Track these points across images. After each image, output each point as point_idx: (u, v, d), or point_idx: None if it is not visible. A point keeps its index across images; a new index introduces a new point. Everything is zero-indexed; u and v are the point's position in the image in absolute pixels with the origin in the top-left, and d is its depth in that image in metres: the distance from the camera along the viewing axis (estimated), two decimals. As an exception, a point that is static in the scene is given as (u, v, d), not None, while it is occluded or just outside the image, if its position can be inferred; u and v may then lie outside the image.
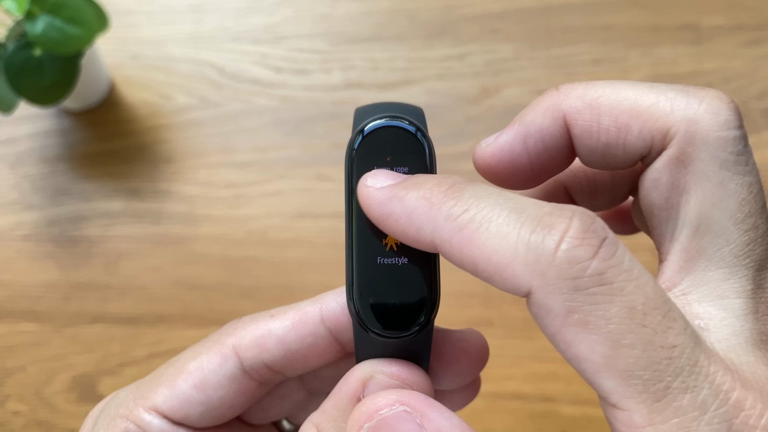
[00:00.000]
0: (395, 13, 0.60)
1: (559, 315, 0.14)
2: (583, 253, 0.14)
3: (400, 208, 0.16)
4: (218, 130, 0.57)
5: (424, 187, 0.16)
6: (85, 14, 0.50)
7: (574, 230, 0.14)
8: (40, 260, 0.55)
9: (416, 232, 0.16)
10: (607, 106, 0.17)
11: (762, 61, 0.56)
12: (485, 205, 0.15)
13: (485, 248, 0.15)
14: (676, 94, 0.17)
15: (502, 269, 0.14)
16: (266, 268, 0.53)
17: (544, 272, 0.14)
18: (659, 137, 0.17)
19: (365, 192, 0.17)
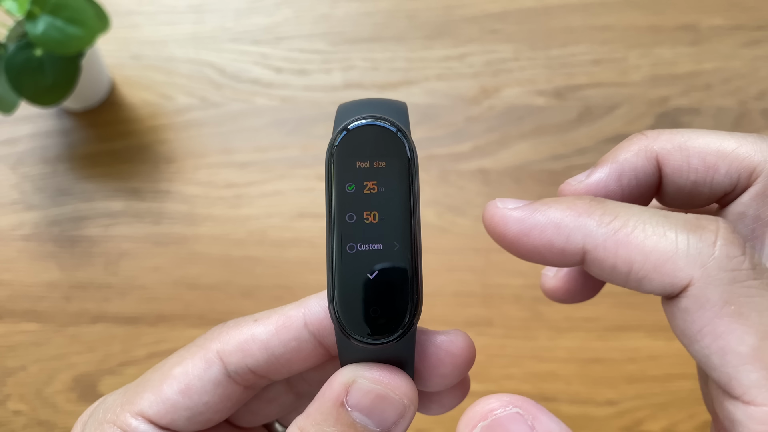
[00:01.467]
0: (395, 13, 0.60)
1: (715, 305, 0.15)
2: (736, 250, 0.15)
3: (545, 220, 0.17)
4: (218, 130, 0.57)
5: (564, 201, 0.17)
6: (85, 15, 0.50)
7: (724, 231, 0.15)
8: (41, 260, 0.55)
9: (565, 241, 0.17)
10: (695, 148, 0.19)
11: (761, 61, 0.56)
12: (634, 212, 0.16)
13: (644, 247, 0.16)
14: (755, 140, 0.19)
15: (662, 265, 0.15)
16: (266, 268, 0.53)
17: (705, 264, 0.15)
18: (745, 175, 0.19)
19: (498, 212, 0.18)
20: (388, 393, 0.18)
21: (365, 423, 0.18)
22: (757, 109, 0.55)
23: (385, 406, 0.18)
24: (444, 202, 0.53)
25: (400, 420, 0.19)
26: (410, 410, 0.19)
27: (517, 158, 0.55)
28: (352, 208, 0.18)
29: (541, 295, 0.52)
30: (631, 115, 0.55)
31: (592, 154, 0.54)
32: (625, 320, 0.50)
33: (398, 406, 0.19)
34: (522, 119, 0.56)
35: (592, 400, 0.48)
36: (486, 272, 0.51)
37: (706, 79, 0.56)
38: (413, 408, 0.19)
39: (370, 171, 0.18)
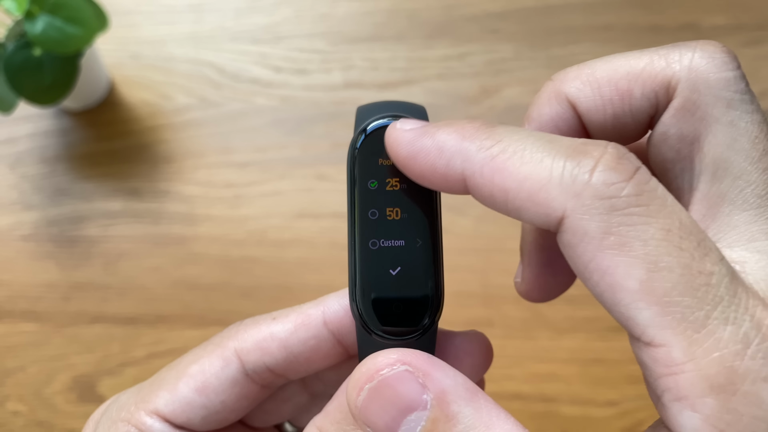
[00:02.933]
0: (395, 13, 0.60)
1: (594, 238, 0.14)
2: (619, 175, 0.14)
3: (431, 143, 0.16)
4: (218, 130, 0.57)
5: (455, 123, 0.16)
6: (84, 14, 0.50)
7: (609, 156, 0.14)
8: (40, 260, 0.55)
9: (446, 165, 0.16)
10: (604, 77, 0.18)
11: (762, 61, 0.56)
12: (518, 137, 0.15)
13: (518, 174, 0.14)
14: (668, 51, 0.17)
15: (535, 194, 0.14)
16: (266, 268, 0.53)
17: (579, 193, 0.14)
18: (662, 92, 0.17)
19: (394, 134, 0.17)
20: None
21: None
22: (757, 109, 0.55)
23: None
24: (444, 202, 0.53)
25: None
26: None
27: (517, 158, 0.54)
28: (374, 205, 0.18)
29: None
30: (632, 114, 0.55)
31: (593, 153, 0.54)
32: (625, 320, 0.50)
33: None
34: (522, 119, 0.56)
35: (593, 401, 0.48)
36: (486, 272, 0.51)
37: (706, 78, 0.56)
38: None
39: (392, 169, 0.18)
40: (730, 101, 0.16)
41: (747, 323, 0.13)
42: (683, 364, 0.13)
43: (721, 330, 0.13)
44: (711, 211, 0.16)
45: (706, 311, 0.13)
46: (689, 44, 0.17)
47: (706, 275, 0.13)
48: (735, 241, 0.16)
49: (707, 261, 0.13)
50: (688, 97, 0.16)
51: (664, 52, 0.17)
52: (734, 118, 0.16)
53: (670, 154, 0.17)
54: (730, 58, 0.16)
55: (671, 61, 0.17)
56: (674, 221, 0.14)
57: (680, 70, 0.16)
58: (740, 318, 0.13)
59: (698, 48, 0.17)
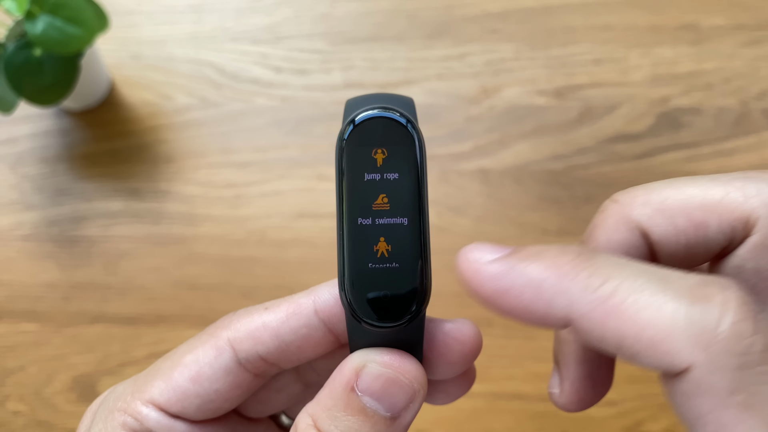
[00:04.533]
0: (395, 13, 0.60)
1: (719, 394, 0.13)
2: (748, 328, 0.13)
3: (524, 281, 0.15)
4: (218, 130, 0.57)
5: (548, 256, 0.15)
6: (85, 14, 0.50)
7: (734, 303, 0.13)
8: (40, 260, 0.55)
9: (546, 307, 0.15)
10: (677, 207, 0.17)
11: (762, 61, 0.56)
12: (627, 275, 0.14)
13: (636, 321, 0.13)
14: (743, 183, 0.16)
15: (658, 344, 0.13)
16: (266, 268, 0.53)
17: (708, 346, 0.13)
18: (740, 227, 0.16)
19: (472, 267, 0.16)
20: (399, 377, 0.19)
21: (375, 407, 0.18)
22: (758, 109, 0.55)
23: (395, 390, 0.18)
24: (444, 202, 0.53)
25: (410, 404, 0.19)
26: (420, 395, 0.19)
27: (517, 158, 0.55)
28: (362, 196, 0.18)
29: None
30: (632, 114, 0.55)
31: (593, 153, 0.54)
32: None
33: (408, 390, 0.19)
34: (522, 119, 0.56)
35: (593, 401, 0.48)
36: (486, 272, 0.51)
37: (707, 78, 0.56)
38: (423, 392, 0.19)
39: (379, 160, 0.18)
40: None
41: None
42: None
43: None
44: None
45: None
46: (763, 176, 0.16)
47: None
48: None
49: None
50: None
51: (739, 184, 0.16)
52: None
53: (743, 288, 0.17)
54: None
55: (749, 195, 0.16)
56: None
57: (759, 206, 0.16)
58: None
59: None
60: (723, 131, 0.54)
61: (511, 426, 0.48)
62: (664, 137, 0.55)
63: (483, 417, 0.48)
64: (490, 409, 0.48)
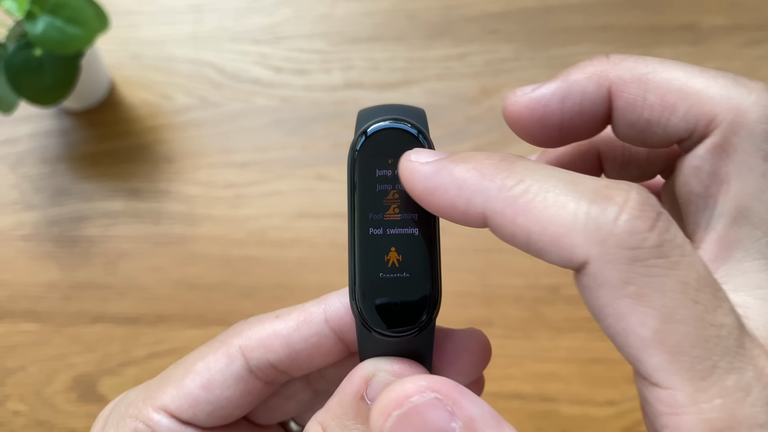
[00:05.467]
0: (395, 13, 0.60)
1: (614, 286, 0.14)
2: (642, 225, 0.14)
3: (449, 179, 0.16)
4: (218, 130, 0.57)
5: (474, 159, 0.16)
6: (85, 14, 0.50)
7: (632, 202, 0.14)
8: (41, 260, 0.55)
9: (466, 204, 0.16)
10: (655, 82, 0.17)
11: (762, 61, 0.56)
12: (540, 177, 0.15)
13: (542, 217, 0.14)
14: (727, 81, 0.17)
15: (559, 238, 0.14)
16: (266, 268, 0.53)
17: (603, 241, 0.14)
18: (704, 123, 0.17)
19: (409, 166, 0.17)
20: None
21: None
22: (757, 109, 0.55)
23: None
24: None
25: None
26: None
27: (517, 158, 0.55)
28: (373, 206, 0.18)
29: (542, 295, 0.52)
30: (632, 115, 0.55)
31: (593, 154, 0.54)
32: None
33: None
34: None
35: (593, 401, 0.48)
36: (486, 272, 0.51)
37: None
38: None
39: (392, 170, 0.18)
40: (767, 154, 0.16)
41: (750, 372, 0.14)
42: (686, 407, 0.14)
43: (725, 378, 0.14)
44: (723, 254, 0.17)
45: (714, 361, 0.14)
46: (749, 84, 0.17)
47: (717, 327, 0.14)
48: (741, 286, 0.16)
49: (719, 313, 0.14)
50: (727, 138, 0.16)
51: (722, 81, 0.17)
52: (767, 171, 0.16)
53: (697, 189, 0.17)
54: None
55: (725, 96, 0.16)
56: (692, 273, 0.14)
57: (729, 108, 0.16)
58: (744, 367, 0.14)
59: (755, 92, 0.17)
60: (723, 131, 0.54)
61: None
62: (664, 137, 0.55)
63: (483, 417, 0.48)
64: (489, 409, 0.48)
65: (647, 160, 0.21)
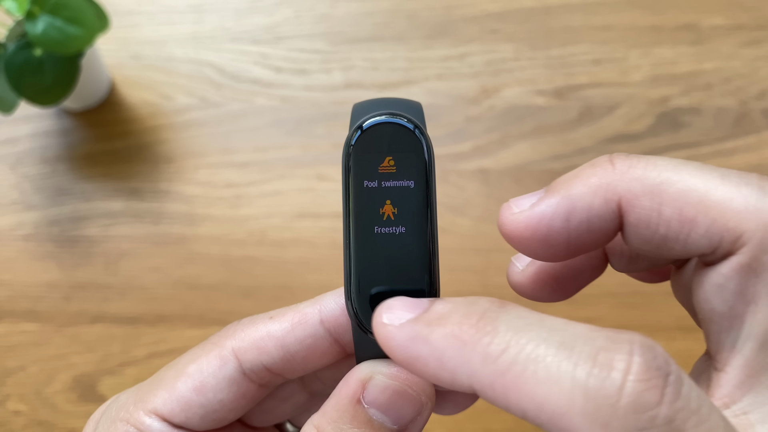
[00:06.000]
0: (395, 13, 0.60)
1: None
2: (650, 399, 0.12)
3: (427, 351, 0.14)
4: (218, 130, 0.57)
5: (451, 321, 0.14)
6: (85, 14, 0.50)
7: (636, 368, 0.12)
8: (41, 260, 0.55)
9: (450, 377, 0.14)
10: (670, 194, 0.15)
11: (762, 61, 0.56)
12: (527, 341, 0.13)
13: (535, 395, 0.13)
14: (752, 191, 0.15)
15: (557, 419, 0.13)
16: (266, 268, 0.53)
17: (606, 424, 0.12)
18: (729, 240, 0.15)
19: (383, 332, 0.15)
20: (406, 389, 0.18)
21: (382, 420, 0.18)
22: (757, 109, 0.55)
23: (402, 403, 0.18)
24: (444, 202, 0.53)
25: (417, 417, 0.18)
26: (427, 407, 0.19)
27: (517, 158, 0.55)
28: (369, 202, 0.18)
29: (542, 296, 0.52)
30: (632, 114, 0.55)
31: (593, 153, 0.54)
32: (625, 320, 0.50)
33: (415, 402, 0.18)
34: (522, 119, 0.56)
35: (593, 401, 0.48)
36: (486, 272, 0.51)
37: (706, 78, 0.56)
38: (430, 405, 0.19)
39: (387, 167, 0.18)
40: None
41: None
42: None
43: None
44: (750, 380, 0.15)
45: None
46: None
47: None
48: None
49: None
50: (757, 257, 0.15)
51: (747, 191, 0.15)
52: None
53: (721, 308, 0.16)
54: None
55: (752, 209, 0.15)
56: None
57: (758, 225, 0.15)
58: None
59: None
60: (722, 131, 0.54)
61: (511, 426, 0.48)
62: (664, 137, 0.55)
63: (483, 417, 0.48)
64: (489, 408, 0.48)
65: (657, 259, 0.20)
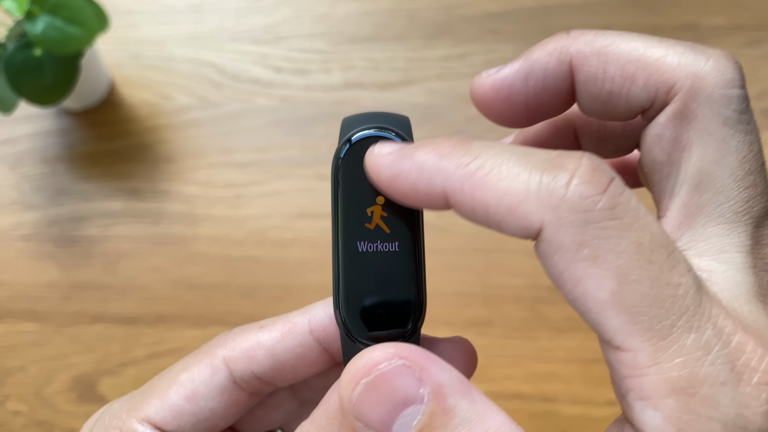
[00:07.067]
0: (395, 13, 0.60)
1: (569, 250, 0.14)
2: (594, 189, 0.14)
3: (410, 164, 0.16)
4: (218, 130, 0.57)
5: (433, 143, 0.16)
6: (85, 14, 0.50)
7: (584, 168, 0.14)
8: (40, 260, 0.55)
9: (427, 185, 0.16)
10: (615, 54, 0.17)
11: (762, 61, 0.56)
12: (495, 152, 0.15)
13: (497, 189, 0.15)
14: (685, 50, 0.17)
15: (514, 208, 0.14)
16: (266, 268, 0.53)
17: (556, 206, 0.14)
18: (663, 90, 0.17)
19: (373, 158, 0.17)
20: None
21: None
22: (757, 109, 0.55)
23: None
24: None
25: None
26: None
27: (517, 158, 0.55)
28: (357, 214, 0.18)
29: (542, 295, 0.52)
30: (632, 114, 0.55)
31: (593, 154, 0.54)
32: (625, 320, 0.50)
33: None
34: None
35: (593, 401, 0.48)
36: (486, 272, 0.51)
37: (706, 78, 0.56)
38: None
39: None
40: (727, 119, 0.17)
41: (709, 331, 0.14)
42: (648, 367, 0.14)
43: (685, 337, 0.14)
44: (687, 220, 0.17)
45: (672, 320, 0.14)
46: (707, 51, 0.17)
47: (673, 287, 0.14)
48: (705, 251, 0.17)
49: (675, 273, 0.14)
50: (687, 105, 0.17)
51: (680, 50, 0.17)
52: (727, 136, 0.17)
53: (661, 157, 0.18)
54: (738, 76, 0.17)
55: (683, 63, 0.17)
56: (646, 234, 0.14)
57: (687, 75, 0.17)
58: (703, 326, 0.14)
59: (713, 58, 0.17)
60: (723, 131, 0.54)
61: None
62: (664, 137, 0.55)
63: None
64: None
65: (623, 134, 0.21)
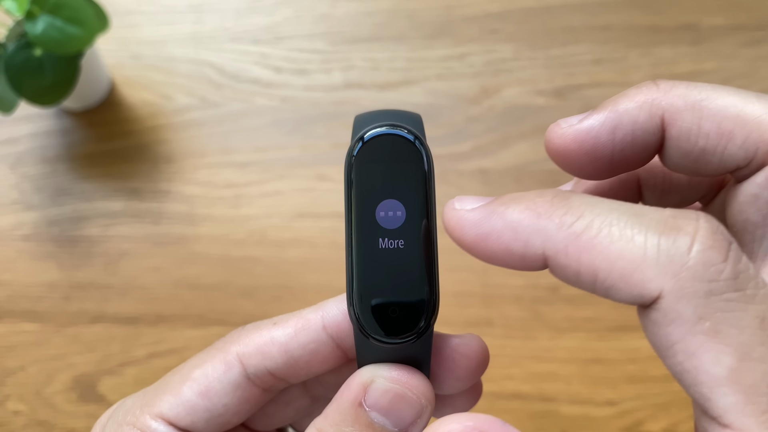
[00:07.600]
0: (395, 13, 0.60)
1: (687, 321, 0.13)
2: (717, 256, 0.13)
3: (502, 223, 0.15)
4: (218, 130, 0.57)
5: (526, 199, 0.15)
6: (85, 14, 0.50)
7: (704, 231, 0.13)
8: (41, 260, 0.55)
9: (523, 247, 0.15)
10: (710, 109, 0.17)
11: (762, 61, 0.56)
12: (600, 211, 0.14)
13: (609, 253, 0.14)
14: None
15: (629, 274, 0.14)
16: (266, 268, 0.53)
17: (677, 274, 0.13)
18: (764, 150, 0.16)
19: (455, 215, 0.16)
20: (406, 392, 0.19)
21: (383, 423, 0.18)
22: (757, 109, 0.55)
23: (403, 406, 0.19)
24: (444, 202, 0.53)
25: (417, 420, 0.19)
26: (427, 410, 0.19)
27: (517, 158, 0.55)
28: (371, 211, 0.18)
29: (542, 295, 0.52)
30: (632, 114, 0.55)
31: (593, 154, 0.54)
32: (625, 320, 0.50)
33: (416, 405, 0.19)
34: (522, 119, 0.56)
35: (593, 401, 0.48)
36: (486, 272, 0.51)
37: (706, 78, 0.56)
38: (430, 408, 0.19)
39: (388, 177, 0.19)
40: None
41: None
42: None
43: None
44: None
45: None
46: None
47: None
48: None
49: None
50: None
51: None
52: None
53: (755, 218, 0.17)
54: None
55: None
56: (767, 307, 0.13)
57: None
58: None
59: None
60: (723, 131, 0.54)
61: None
62: (664, 137, 0.55)
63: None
64: (489, 409, 0.48)
65: (688, 187, 0.20)
